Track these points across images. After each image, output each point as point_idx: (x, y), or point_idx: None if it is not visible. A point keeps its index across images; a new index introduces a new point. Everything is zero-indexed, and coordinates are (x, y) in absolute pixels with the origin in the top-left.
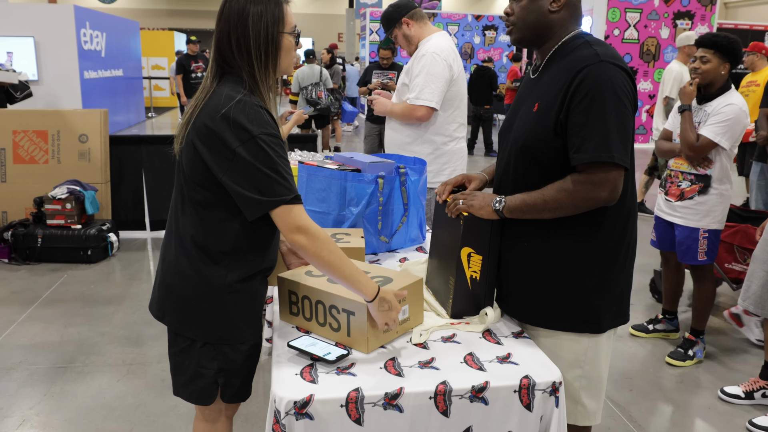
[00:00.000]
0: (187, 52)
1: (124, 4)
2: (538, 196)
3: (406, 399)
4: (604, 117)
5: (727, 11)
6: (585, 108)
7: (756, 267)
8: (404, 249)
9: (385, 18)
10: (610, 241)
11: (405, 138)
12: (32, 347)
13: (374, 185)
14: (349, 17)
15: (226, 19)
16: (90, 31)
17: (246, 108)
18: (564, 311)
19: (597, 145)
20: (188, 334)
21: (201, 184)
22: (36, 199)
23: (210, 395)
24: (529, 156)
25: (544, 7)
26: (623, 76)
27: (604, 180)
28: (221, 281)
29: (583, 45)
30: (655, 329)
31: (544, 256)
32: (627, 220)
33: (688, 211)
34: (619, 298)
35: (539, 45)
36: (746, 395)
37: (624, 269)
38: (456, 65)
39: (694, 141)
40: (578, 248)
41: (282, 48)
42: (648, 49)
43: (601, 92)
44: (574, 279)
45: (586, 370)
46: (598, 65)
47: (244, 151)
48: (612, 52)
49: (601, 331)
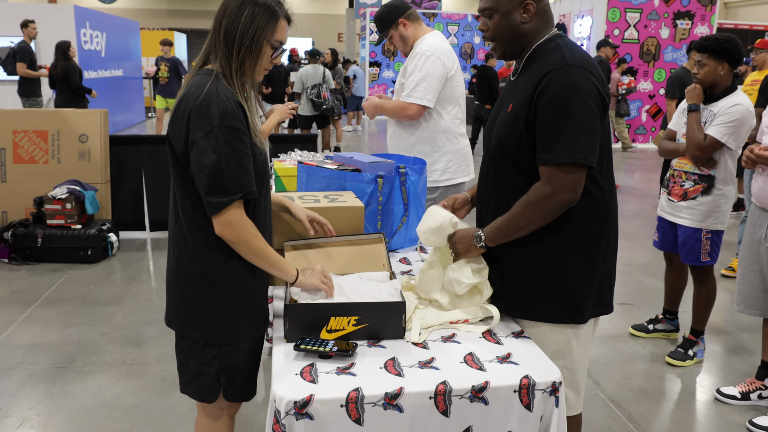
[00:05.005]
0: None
1: (124, 4)
2: (510, 219)
3: (406, 399)
4: (567, 119)
5: (727, 11)
6: (549, 110)
7: (745, 269)
8: (404, 249)
9: (381, 19)
10: (591, 232)
11: (409, 137)
12: (32, 347)
13: (374, 185)
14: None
15: (225, 5)
16: (90, 31)
17: (210, 99)
18: (547, 302)
19: (561, 147)
20: (191, 336)
21: (182, 178)
22: (36, 199)
23: (213, 393)
24: (504, 154)
25: (516, 20)
26: (589, 79)
27: (564, 182)
28: (215, 279)
29: (554, 48)
30: (655, 329)
31: (528, 248)
32: (607, 212)
33: (691, 211)
34: (600, 288)
35: (519, 54)
36: (742, 396)
37: (606, 260)
38: (451, 63)
39: (701, 141)
40: (559, 239)
41: (262, 53)
42: (648, 49)
43: (565, 95)
44: (557, 270)
45: (567, 361)
46: (564, 69)
47: (203, 143)
48: (580, 55)
49: (584, 321)
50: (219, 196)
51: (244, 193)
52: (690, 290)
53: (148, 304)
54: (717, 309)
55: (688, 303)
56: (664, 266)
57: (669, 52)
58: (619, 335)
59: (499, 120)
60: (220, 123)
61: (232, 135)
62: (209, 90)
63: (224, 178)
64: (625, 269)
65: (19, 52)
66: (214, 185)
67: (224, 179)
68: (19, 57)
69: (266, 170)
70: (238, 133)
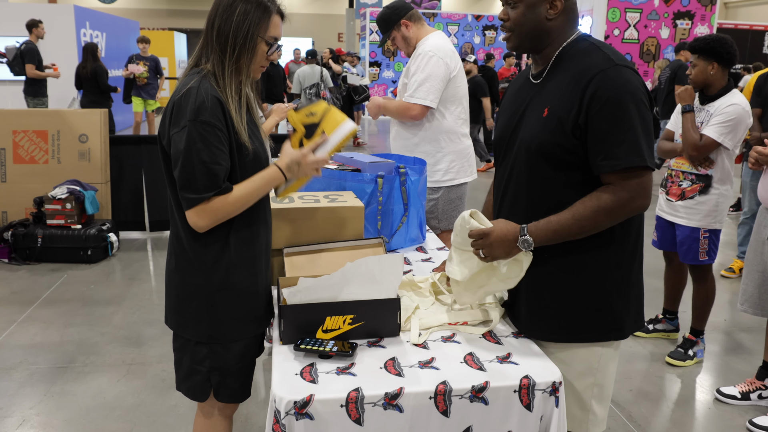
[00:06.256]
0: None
1: (124, 4)
2: (570, 222)
3: (406, 399)
4: (630, 122)
5: (727, 11)
6: (607, 114)
7: (750, 269)
8: (404, 249)
9: (383, 20)
10: (629, 243)
11: (412, 138)
12: (32, 347)
13: (374, 185)
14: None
15: (217, 4)
16: (90, 31)
17: (189, 95)
18: (587, 322)
19: (627, 151)
20: (183, 333)
21: (172, 176)
22: (36, 199)
23: (203, 392)
24: (543, 161)
25: (541, 15)
26: (638, 79)
27: (639, 186)
28: (207, 278)
29: (591, 48)
30: (655, 329)
31: (566, 268)
32: (641, 221)
33: (688, 210)
34: (638, 301)
35: (538, 51)
36: (742, 396)
37: (640, 271)
38: (453, 63)
39: (697, 141)
40: (601, 255)
41: (257, 51)
42: (648, 49)
43: (622, 97)
44: (598, 286)
45: (598, 377)
46: (613, 69)
47: (176, 137)
48: (621, 55)
49: (624, 337)
50: (191, 192)
51: (216, 191)
52: (690, 290)
53: (148, 304)
54: (717, 309)
55: (688, 303)
56: (663, 266)
57: (669, 52)
58: None
59: (531, 125)
60: (195, 118)
61: (205, 130)
62: (191, 86)
63: (196, 174)
64: None
65: (27, 54)
66: (187, 181)
67: (196, 175)
68: (27, 58)
69: (259, 170)
70: (213, 128)
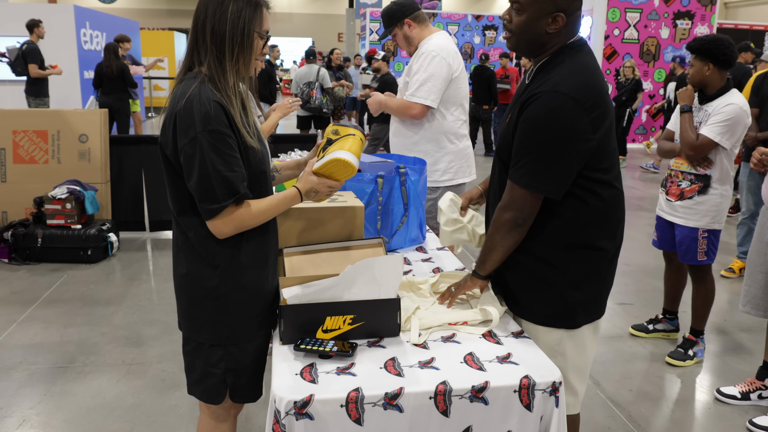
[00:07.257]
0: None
1: (124, 4)
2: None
3: (406, 399)
4: (530, 145)
5: (727, 11)
6: (521, 131)
7: (753, 270)
8: (404, 249)
9: (388, 15)
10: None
11: (412, 136)
12: (32, 347)
13: (373, 185)
14: (349, 17)
15: (204, 5)
16: (90, 31)
17: (192, 104)
18: (543, 305)
19: (517, 168)
20: (198, 338)
21: (176, 185)
22: (36, 199)
23: (219, 394)
24: (502, 163)
25: (542, 27)
26: (573, 107)
27: (510, 201)
28: (220, 280)
29: (560, 64)
30: (655, 329)
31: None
32: (616, 228)
33: (687, 210)
34: (597, 295)
35: (535, 55)
36: (742, 396)
37: (608, 269)
38: (456, 64)
39: (693, 140)
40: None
41: (254, 47)
42: (648, 49)
43: (538, 122)
44: (556, 274)
45: (559, 360)
46: (549, 95)
47: (188, 149)
48: (574, 80)
49: (576, 326)
50: (211, 203)
51: (235, 198)
52: (690, 290)
53: (148, 304)
54: (717, 309)
55: (688, 303)
56: (664, 266)
57: (669, 52)
58: (619, 335)
59: (503, 128)
60: (204, 128)
61: (216, 139)
62: (191, 94)
63: (213, 185)
64: (625, 269)
65: (29, 54)
66: (205, 192)
67: (213, 185)
68: (30, 59)
69: (264, 170)
70: (223, 136)
